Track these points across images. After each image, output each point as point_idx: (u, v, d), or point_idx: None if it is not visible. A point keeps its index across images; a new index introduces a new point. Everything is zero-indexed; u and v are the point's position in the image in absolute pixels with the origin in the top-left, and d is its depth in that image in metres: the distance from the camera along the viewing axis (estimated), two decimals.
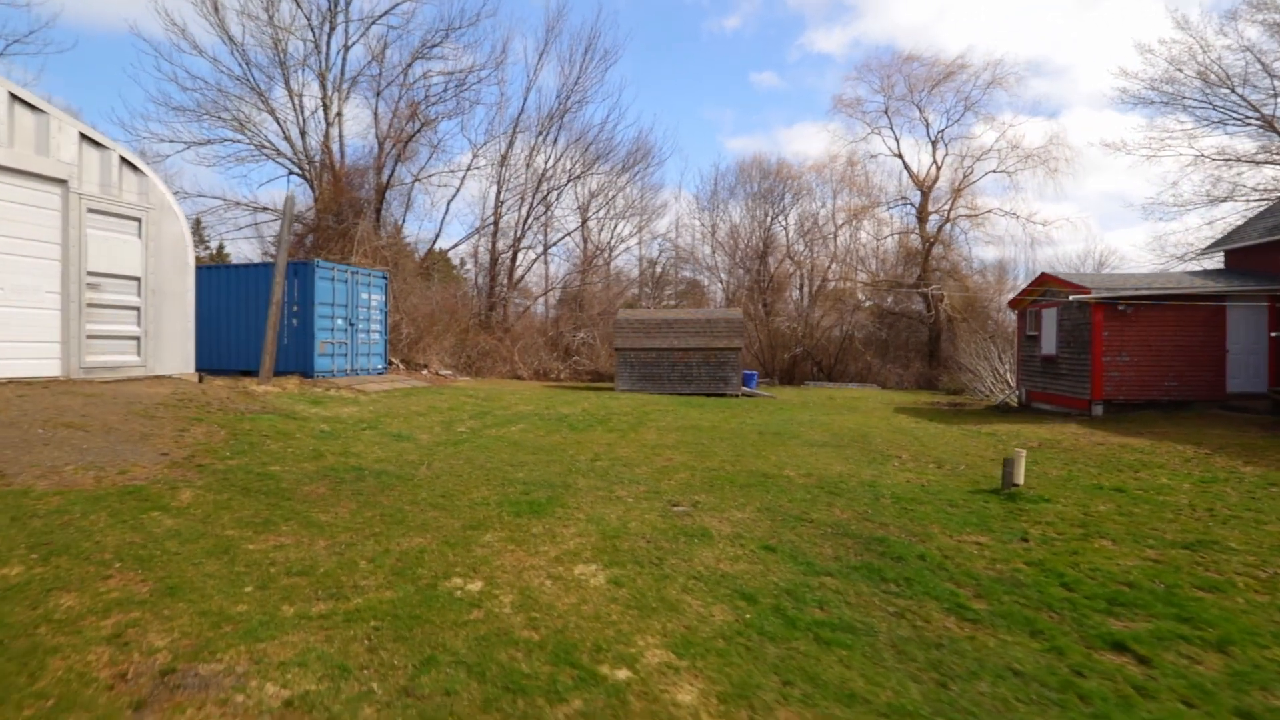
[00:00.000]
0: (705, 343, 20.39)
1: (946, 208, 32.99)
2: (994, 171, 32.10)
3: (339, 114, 22.95)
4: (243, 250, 23.86)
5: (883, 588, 4.49)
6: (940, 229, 32.84)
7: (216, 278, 15.25)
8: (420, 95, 21.84)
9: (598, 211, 28.00)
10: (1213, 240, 20.31)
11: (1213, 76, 30.20)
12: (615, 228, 31.57)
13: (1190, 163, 41.01)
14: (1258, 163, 30.04)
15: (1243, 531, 5.89)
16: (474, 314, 24.48)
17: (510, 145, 25.23)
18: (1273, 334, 13.04)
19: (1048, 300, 16.28)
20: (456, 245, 26.31)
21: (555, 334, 27.32)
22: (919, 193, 34.80)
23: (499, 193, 25.56)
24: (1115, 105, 57.01)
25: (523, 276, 27.84)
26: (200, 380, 11.31)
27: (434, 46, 23.01)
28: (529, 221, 26.14)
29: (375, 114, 22.28)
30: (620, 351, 20.56)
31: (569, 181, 25.22)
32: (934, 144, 33.41)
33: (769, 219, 35.25)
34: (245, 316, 14.88)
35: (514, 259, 26.40)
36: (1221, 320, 13.94)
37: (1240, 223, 19.33)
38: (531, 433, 10.12)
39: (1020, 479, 7.61)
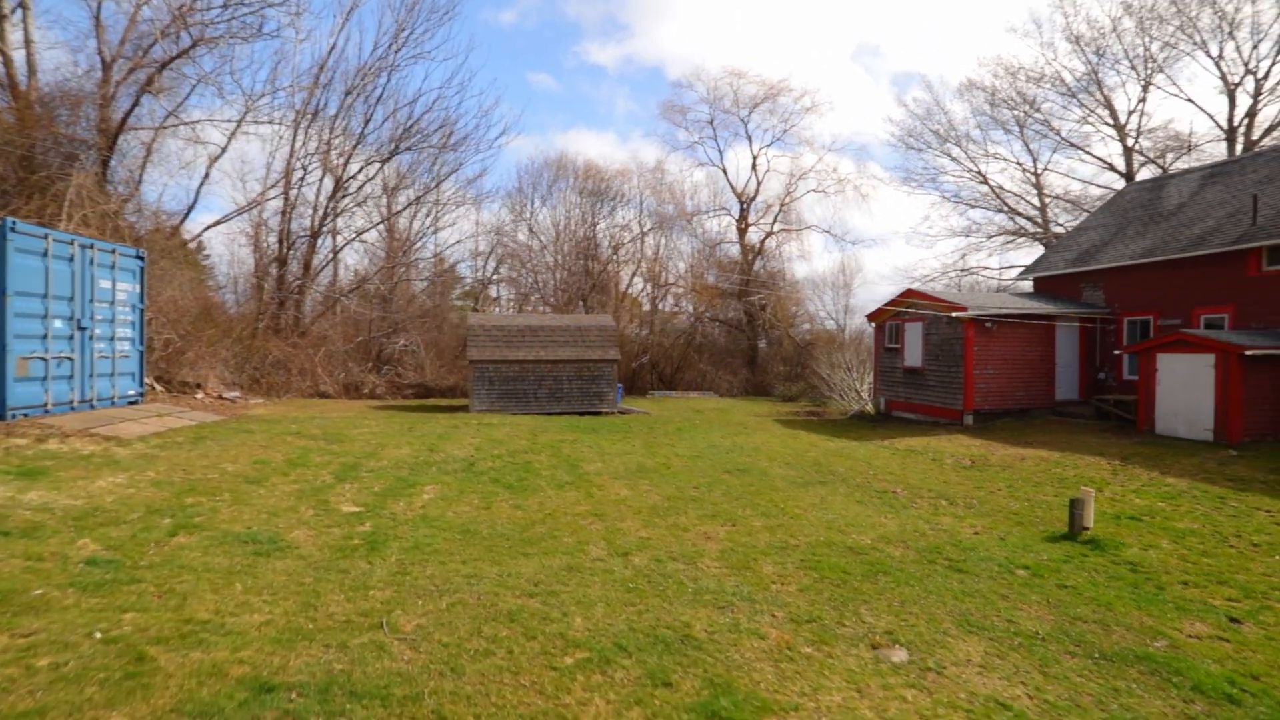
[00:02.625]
0: (577, 354, 17.88)
1: (766, 221, 34.94)
2: (814, 191, 34.88)
3: (22, 5, 15.25)
4: None
5: None
6: (762, 242, 34.64)
7: None
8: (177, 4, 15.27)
9: (422, 195, 23.32)
10: (1018, 269, 23.80)
11: (949, 134, 36.71)
12: (432, 216, 26.98)
13: (936, 202, 49.96)
14: (973, 205, 37.25)
15: None
16: (260, 314, 18.35)
17: (315, 98, 19.50)
18: (1116, 351, 15.26)
19: (912, 314, 17.22)
20: (225, 220, 19.54)
21: (366, 339, 22.18)
22: (739, 205, 36.35)
23: (292, 158, 19.63)
24: (884, 145, 67.03)
25: (323, 267, 21.94)
26: None
27: None
28: (336, 199, 20.59)
29: (97, 19, 15.05)
30: (477, 365, 16.99)
31: (397, 150, 20.35)
32: (755, 158, 35.16)
33: (593, 220, 33.66)
34: None
35: (313, 244, 20.57)
36: (1052, 338, 15.96)
37: (1040, 253, 22.93)
38: (462, 504, 6.81)
39: (1090, 522, 6.94)
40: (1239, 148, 27.74)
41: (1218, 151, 28.55)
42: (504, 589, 4.30)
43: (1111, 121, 31.38)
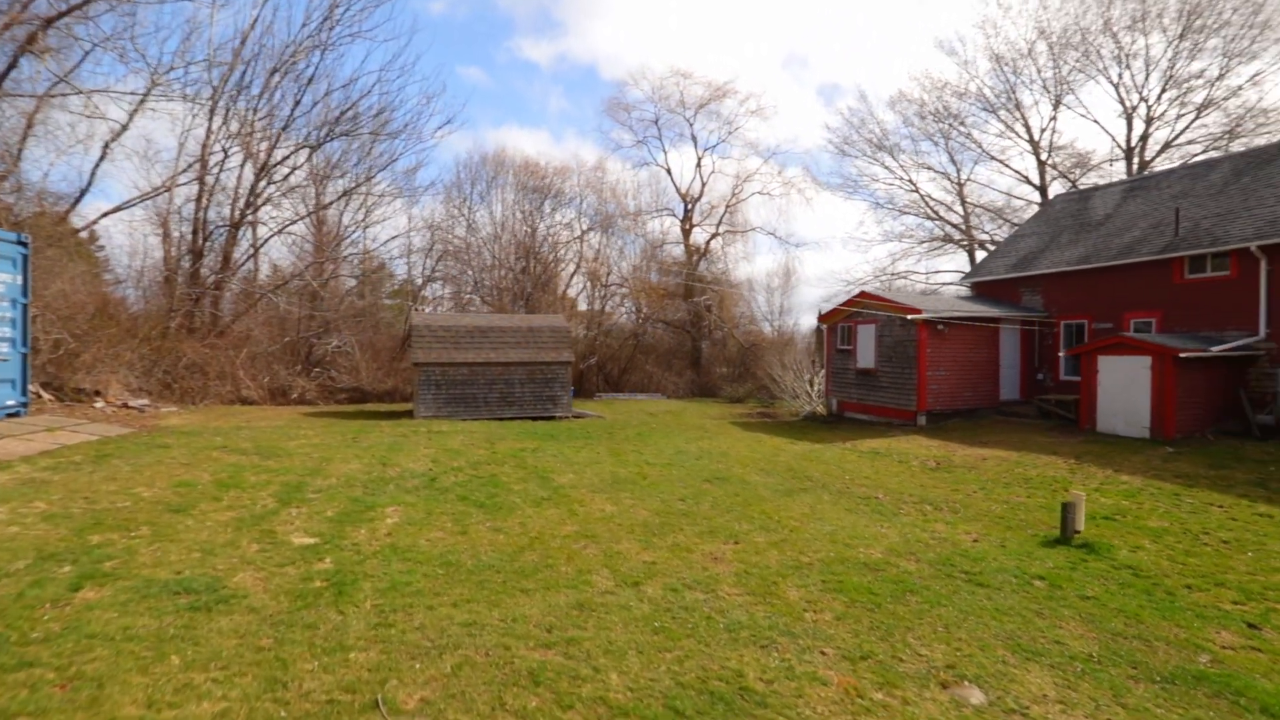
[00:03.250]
0: (530, 356, 17.06)
1: (711, 222, 35.02)
2: (759, 193, 35.19)
3: None
4: None
5: None
6: (708, 243, 34.68)
7: None
8: None
9: (356, 185, 21.65)
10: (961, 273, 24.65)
11: (882, 143, 38.00)
12: (364, 209, 25.23)
13: (870, 208, 51.74)
14: (904, 212, 38.69)
15: None
16: (172, 311, 16.39)
17: (236, 75, 17.61)
18: (1060, 353, 15.95)
19: (864, 316, 17.46)
20: (128, 206, 17.30)
21: (294, 340, 20.45)
22: (684, 206, 36.30)
23: (209, 140, 17.70)
24: (819, 152, 67.98)
25: (245, 260, 19.96)
26: None
27: None
28: (259, 187, 18.75)
29: None
30: (422, 367, 15.87)
31: (330, 136, 18.69)
32: (700, 159, 35.18)
33: (534, 218, 32.66)
34: None
35: (233, 235, 18.65)
36: (997, 340, 16.55)
37: (981, 257, 23.83)
38: (433, 529, 6.03)
39: (1081, 525, 6.95)
40: (1135, 166, 30.09)
41: (1118, 170, 30.86)
42: (514, 639, 3.64)
43: (1027, 137, 33.32)
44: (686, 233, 36.27)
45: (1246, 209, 13.78)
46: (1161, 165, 28.71)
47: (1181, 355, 11.91)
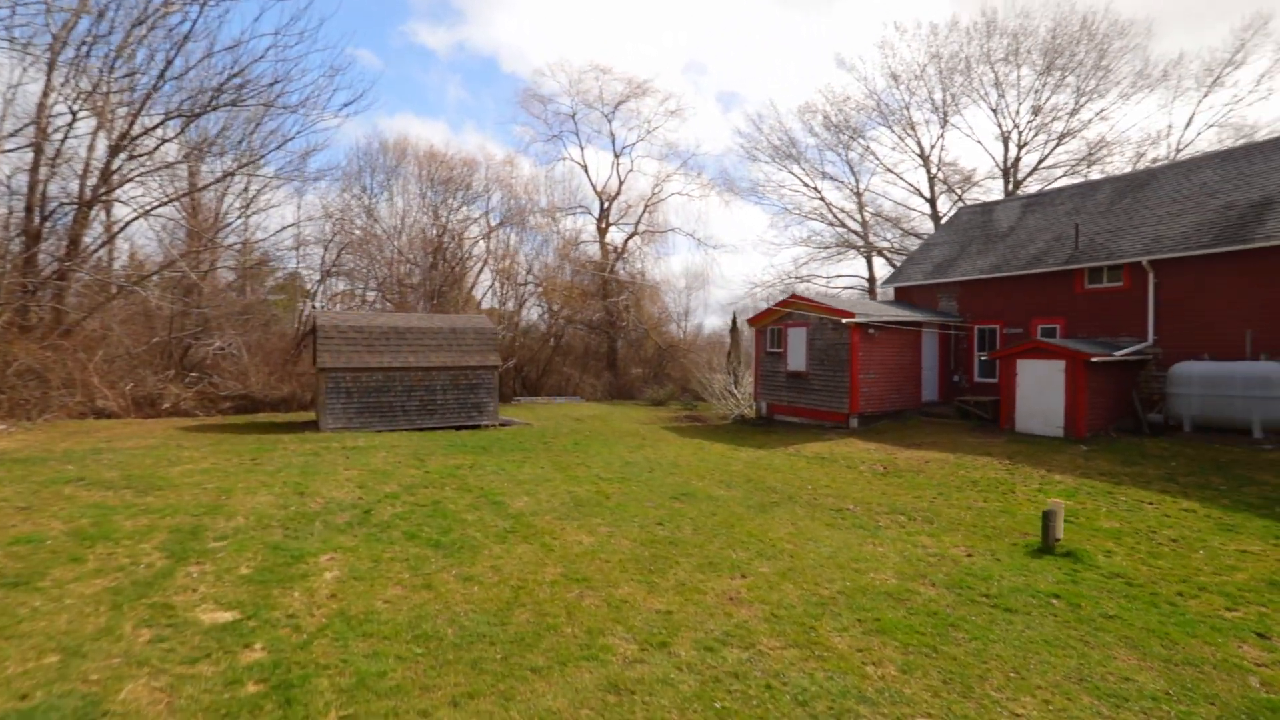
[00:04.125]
0: (453, 359, 15.64)
1: (628, 221, 34.54)
2: (678, 194, 35.03)
3: None
4: None
5: None
6: (625, 243, 34.15)
7: None
8: None
9: (242, 165, 18.87)
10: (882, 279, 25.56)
11: (789, 151, 39.29)
12: (248, 192, 22.33)
13: (775, 215, 53.50)
14: (809, 217, 40.11)
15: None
16: None
17: (86, 20, 14.61)
18: (981, 356, 16.75)
19: (795, 319, 17.60)
20: None
21: (166, 340, 17.62)
22: (600, 204, 35.58)
23: (46, 98, 14.64)
24: (732, 156, 69.05)
25: (99, 246, 16.77)
26: None
27: None
28: (116, 160, 15.79)
29: None
30: (330, 373, 14.02)
31: (213, 105, 15.92)
32: (618, 157, 34.56)
33: (442, 213, 30.67)
34: None
35: (84, 216, 15.57)
36: (919, 343, 17.23)
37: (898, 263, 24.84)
38: (387, 584, 4.93)
39: (1061, 533, 6.97)
40: (1011, 185, 33.05)
41: (997, 187, 33.76)
42: None
43: (919, 152, 35.66)
44: (603, 231, 35.54)
45: (1133, 226, 15.17)
46: (1033, 186, 31.69)
47: (1093, 360, 12.80)
